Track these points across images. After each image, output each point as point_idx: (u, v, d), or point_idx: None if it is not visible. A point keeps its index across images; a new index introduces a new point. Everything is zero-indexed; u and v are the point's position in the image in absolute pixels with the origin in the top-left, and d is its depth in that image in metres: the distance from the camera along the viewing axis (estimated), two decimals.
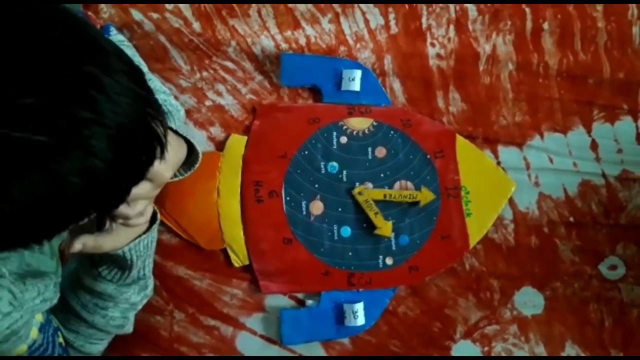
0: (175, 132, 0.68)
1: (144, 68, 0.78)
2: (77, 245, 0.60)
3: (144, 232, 0.66)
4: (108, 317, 0.70)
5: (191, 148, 0.70)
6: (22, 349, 0.62)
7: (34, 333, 0.63)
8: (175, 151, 0.66)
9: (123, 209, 0.61)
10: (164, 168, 0.63)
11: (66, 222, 0.47)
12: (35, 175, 0.41)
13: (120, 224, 0.63)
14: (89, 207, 0.47)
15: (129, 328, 0.74)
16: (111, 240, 0.63)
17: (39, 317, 0.64)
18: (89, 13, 0.81)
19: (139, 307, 0.73)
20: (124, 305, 0.70)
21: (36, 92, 0.40)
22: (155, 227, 0.68)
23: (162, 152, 0.49)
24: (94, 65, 0.42)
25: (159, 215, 0.69)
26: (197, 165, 0.72)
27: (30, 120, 0.40)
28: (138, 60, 0.78)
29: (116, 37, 0.78)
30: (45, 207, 0.43)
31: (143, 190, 0.62)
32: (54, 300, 0.64)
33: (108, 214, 0.51)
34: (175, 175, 0.71)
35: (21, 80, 0.40)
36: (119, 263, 0.66)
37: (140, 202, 0.63)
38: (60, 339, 0.69)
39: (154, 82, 0.77)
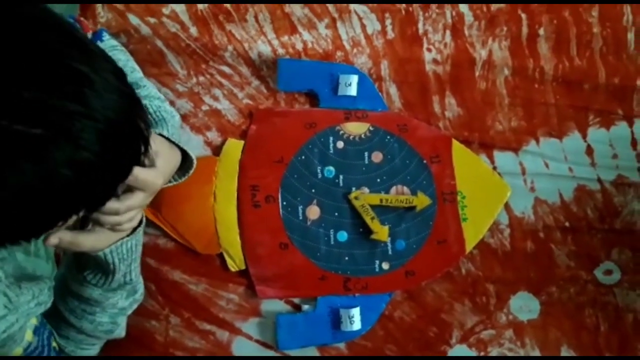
0: (168, 139, 0.68)
1: (139, 73, 0.77)
2: (53, 240, 0.59)
3: (128, 235, 0.65)
4: (96, 323, 0.69)
5: (185, 154, 0.70)
6: (17, 351, 0.62)
7: (28, 335, 0.63)
8: (167, 159, 0.66)
9: (113, 217, 0.61)
10: (155, 176, 0.63)
11: (55, 216, 0.48)
12: (29, 166, 0.43)
13: (107, 229, 0.63)
14: (77, 201, 0.48)
15: (119, 332, 0.73)
16: (91, 239, 0.62)
17: (34, 320, 0.64)
18: (82, 19, 0.81)
19: (129, 312, 0.73)
20: (112, 311, 0.70)
21: (32, 87, 0.42)
22: (140, 230, 0.67)
23: (146, 150, 0.51)
24: (83, 64, 0.45)
25: (144, 220, 0.68)
26: (191, 171, 0.72)
27: (27, 113, 0.42)
28: (132, 65, 0.77)
29: (109, 42, 0.78)
30: (37, 198, 0.44)
31: (137, 200, 0.62)
32: (48, 304, 0.63)
33: (95, 210, 0.52)
34: (170, 181, 0.70)
35: (19, 75, 0.42)
36: (102, 267, 0.66)
37: (132, 212, 0.63)
38: (54, 343, 0.69)
39: (149, 88, 0.76)
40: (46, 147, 0.43)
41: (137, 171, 0.60)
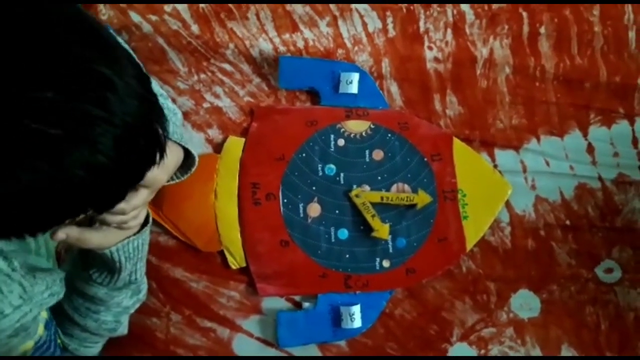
0: (169, 138, 0.68)
1: None
2: (60, 235, 0.60)
3: (135, 234, 0.66)
4: (100, 321, 0.70)
5: (188, 152, 0.70)
6: (29, 344, 0.62)
7: (40, 329, 0.63)
8: (170, 156, 0.66)
9: (119, 216, 0.61)
10: (160, 172, 0.63)
11: (63, 214, 0.48)
12: (44, 165, 0.43)
13: (113, 227, 0.63)
14: (88, 202, 0.48)
15: (122, 330, 0.73)
16: (98, 237, 0.62)
17: (44, 314, 0.64)
18: None
19: (132, 310, 0.73)
20: (116, 309, 0.70)
21: (56, 88, 0.42)
22: (147, 229, 0.67)
23: (162, 156, 0.51)
24: (108, 68, 0.45)
25: (150, 219, 0.68)
26: (193, 169, 0.72)
27: (48, 114, 0.42)
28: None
29: None
30: (47, 196, 0.44)
31: (142, 198, 0.62)
32: (61, 294, 0.64)
33: (104, 211, 0.52)
34: (172, 179, 0.70)
35: (43, 76, 0.42)
36: (108, 265, 0.66)
37: (136, 210, 0.63)
38: (59, 340, 0.69)
39: (152, 85, 0.77)
40: (64, 148, 0.43)
41: None
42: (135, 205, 0.62)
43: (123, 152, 0.46)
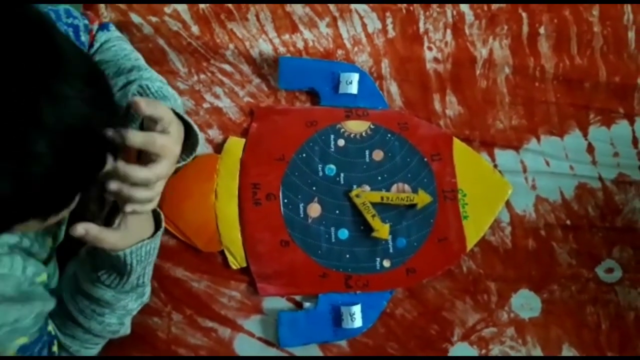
0: (173, 110, 0.67)
1: (142, 60, 0.77)
2: (80, 230, 0.59)
3: (148, 238, 0.66)
4: (105, 324, 0.70)
5: (187, 133, 0.69)
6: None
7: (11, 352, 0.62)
8: (178, 128, 0.65)
9: (145, 193, 0.61)
10: (173, 142, 0.62)
11: (7, 222, 0.46)
12: None
13: (128, 215, 0.63)
14: (23, 213, 0.46)
15: (125, 331, 0.74)
16: (115, 237, 0.62)
17: (20, 340, 0.63)
18: (88, 12, 0.82)
19: (135, 312, 0.73)
20: (121, 312, 0.70)
21: None
22: (159, 234, 0.67)
23: (115, 157, 0.49)
24: (45, 70, 0.42)
25: (163, 223, 0.69)
26: (197, 148, 0.71)
27: None
28: (136, 55, 0.78)
29: (115, 32, 0.80)
30: None
31: (164, 168, 0.61)
32: (34, 332, 0.62)
33: (47, 218, 0.50)
34: (178, 161, 0.70)
35: None
36: (118, 268, 0.66)
37: (159, 183, 0.63)
38: (55, 348, 0.69)
39: (150, 71, 0.76)
40: None
41: (155, 137, 0.60)
42: (159, 175, 0.61)
43: (63, 159, 0.43)
